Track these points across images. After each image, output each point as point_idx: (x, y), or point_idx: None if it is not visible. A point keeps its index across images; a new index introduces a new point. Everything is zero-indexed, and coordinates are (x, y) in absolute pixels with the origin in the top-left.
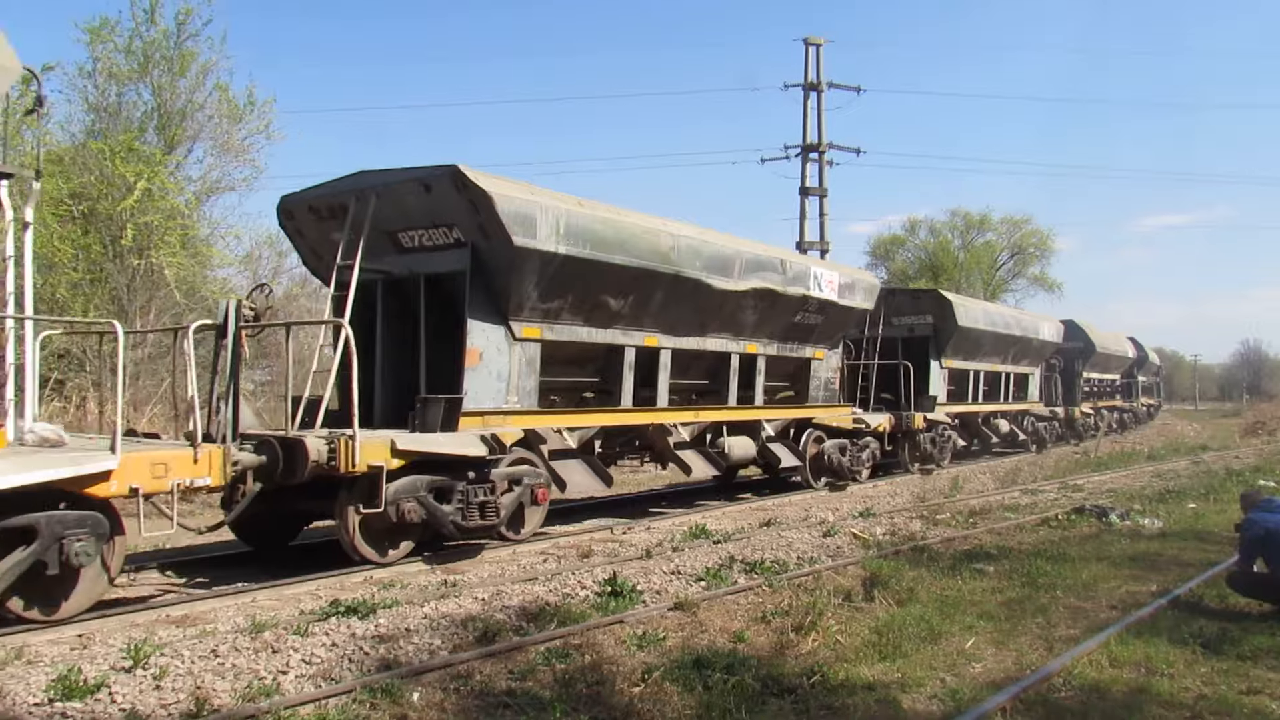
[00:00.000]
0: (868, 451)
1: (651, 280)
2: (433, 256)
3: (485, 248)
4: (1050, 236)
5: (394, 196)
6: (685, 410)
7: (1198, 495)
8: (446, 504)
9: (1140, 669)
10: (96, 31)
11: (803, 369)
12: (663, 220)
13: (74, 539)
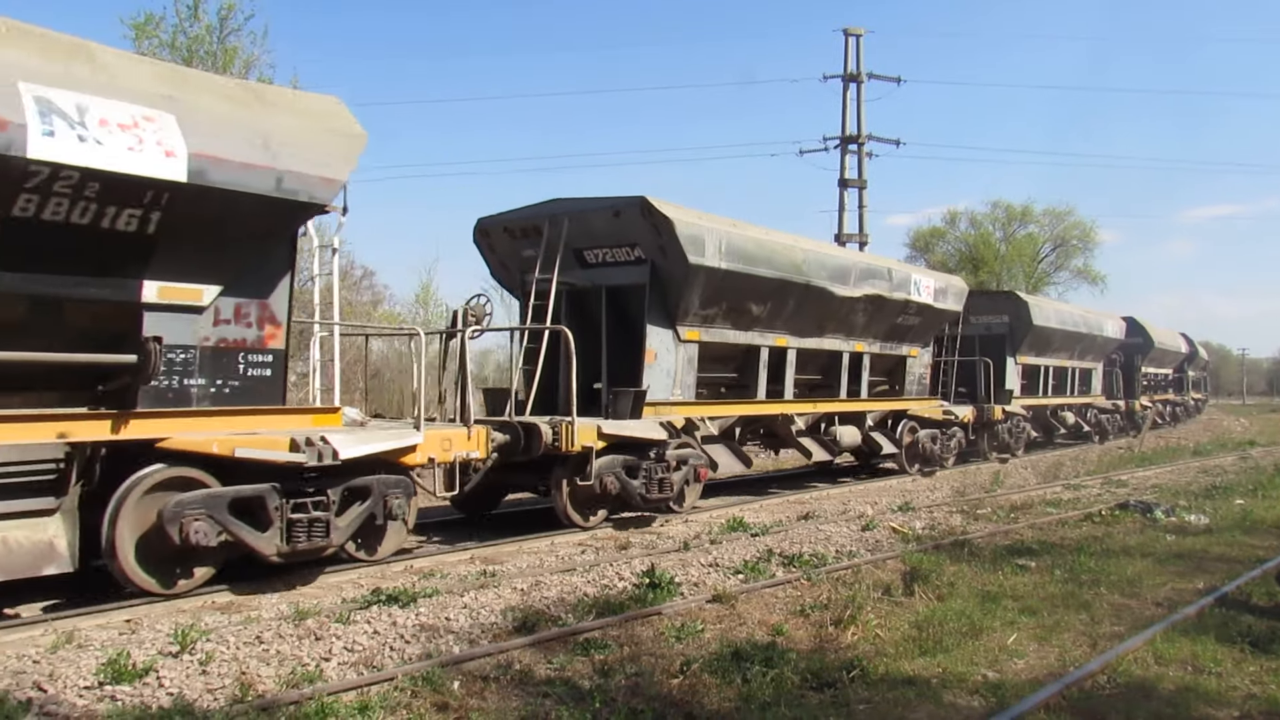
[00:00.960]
0: (954, 440)
1: (786, 289)
2: (614, 271)
3: (663, 264)
4: (1093, 228)
5: (584, 220)
6: (805, 402)
7: (1245, 491)
8: (634, 479)
9: (1187, 667)
10: (141, 27)
11: (899, 365)
12: (795, 237)
13: (394, 496)
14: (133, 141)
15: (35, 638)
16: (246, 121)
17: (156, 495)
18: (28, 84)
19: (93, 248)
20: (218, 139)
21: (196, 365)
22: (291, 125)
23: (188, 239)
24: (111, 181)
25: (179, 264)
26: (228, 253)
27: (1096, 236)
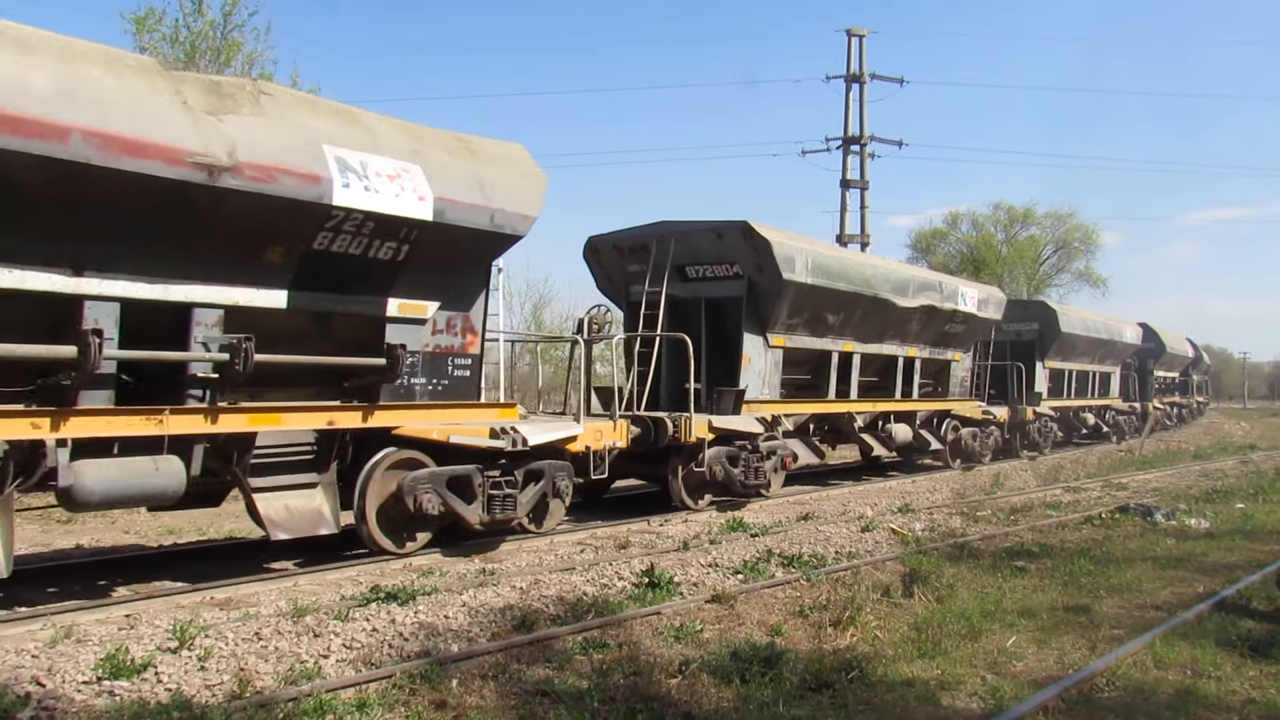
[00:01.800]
0: (992, 438)
1: (857, 300)
2: (714, 285)
3: (759, 280)
4: (1095, 231)
5: (688, 241)
6: (866, 402)
7: (1246, 495)
8: (735, 467)
9: (1186, 671)
10: (142, 21)
11: (944, 369)
12: (864, 254)
13: (560, 478)
14: (397, 189)
15: (34, 632)
16: (467, 169)
17: (391, 472)
18: (329, 146)
19: (360, 273)
20: (451, 184)
21: (419, 367)
22: (496, 171)
23: (423, 265)
24: (383, 221)
25: (414, 285)
26: (447, 275)
27: (1099, 239)
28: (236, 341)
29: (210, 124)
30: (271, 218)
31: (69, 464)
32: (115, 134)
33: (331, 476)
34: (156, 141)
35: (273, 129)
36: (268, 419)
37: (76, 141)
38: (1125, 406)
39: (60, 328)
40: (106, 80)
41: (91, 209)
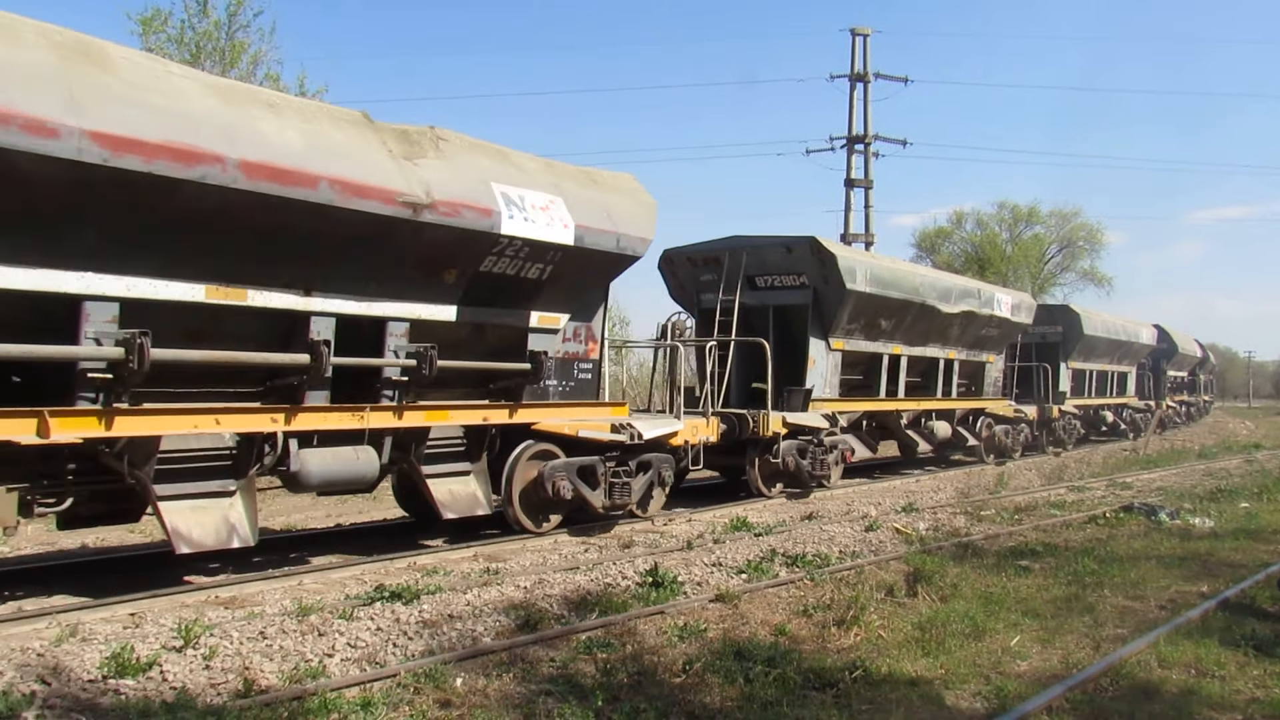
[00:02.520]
0: (1023, 435)
1: (907, 307)
2: (781, 293)
3: (823, 289)
4: (1100, 230)
5: (759, 254)
6: (910, 400)
7: (1251, 494)
8: (804, 459)
9: (1190, 670)
10: (149, 22)
11: (979, 370)
12: (913, 265)
13: (664, 469)
14: (548, 219)
15: (40, 630)
16: (596, 199)
17: (530, 462)
18: (495, 183)
19: (512, 290)
20: (586, 213)
21: (553, 371)
22: (617, 199)
23: (560, 283)
24: (536, 246)
25: (551, 300)
26: (578, 291)
27: (1103, 238)
28: (422, 350)
29: (409, 168)
30: (453, 245)
31: (297, 452)
32: (349, 180)
33: (483, 465)
34: (376, 185)
35: (454, 170)
36: (440, 415)
37: (324, 188)
38: (1141, 405)
39: (289, 338)
40: (335, 134)
41: (323, 241)
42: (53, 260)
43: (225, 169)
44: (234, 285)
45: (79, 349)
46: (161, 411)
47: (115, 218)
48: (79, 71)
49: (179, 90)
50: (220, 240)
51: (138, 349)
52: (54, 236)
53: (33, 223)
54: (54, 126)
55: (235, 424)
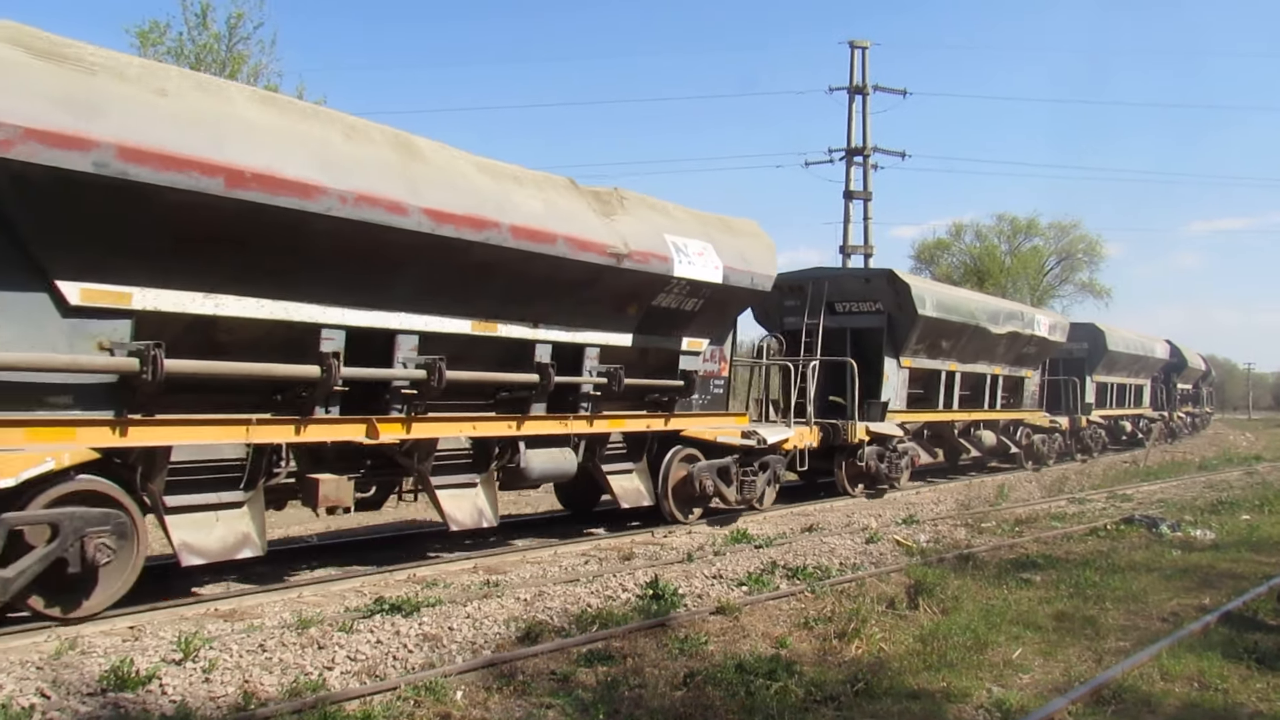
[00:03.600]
0: (1057, 443)
1: (964, 329)
2: (858, 318)
3: (897, 315)
4: (1099, 242)
5: (839, 283)
6: (962, 412)
7: (1252, 506)
8: (882, 463)
9: (1193, 684)
10: (145, 35)
11: (1019, 384)
12: (969, 291)
13: (780, 468)
14: (703, 262)
15: (39, 644)
16: (734, 243)
17: (680, 463)
18: (667, 234)
19: (671, 320)
20: (729, 256)
21: (696, 386)
22: (747, 242)
23: (707, 314)
24: (695, 285)
25: (698, 327)
26: (717, 320)
27: (1102, 250)
28: (612, 369)
29: (609, 224)
30: (639, 286)
31: (524, 451)
32: (575, 236)
33: (644, 465)
34: (593, 240)
35: (638, 224)
36: (618, 423)
37: (560, 243)
38: (1155, 415)
39: (519, 361)
40: (560, 200)
41: (552, 285)
42: (382, 304)
43: (500, 232)
44: (489, 320)
45: (395, 371)
46: (439, 420)
47: (425, 272)
48: (408, 162)
49: (464, 172)
50: (484, 286)
51: (437, 370)
52: (386, 287)
53: (376, 278)
54: (404, 206)
55: (485, 430)
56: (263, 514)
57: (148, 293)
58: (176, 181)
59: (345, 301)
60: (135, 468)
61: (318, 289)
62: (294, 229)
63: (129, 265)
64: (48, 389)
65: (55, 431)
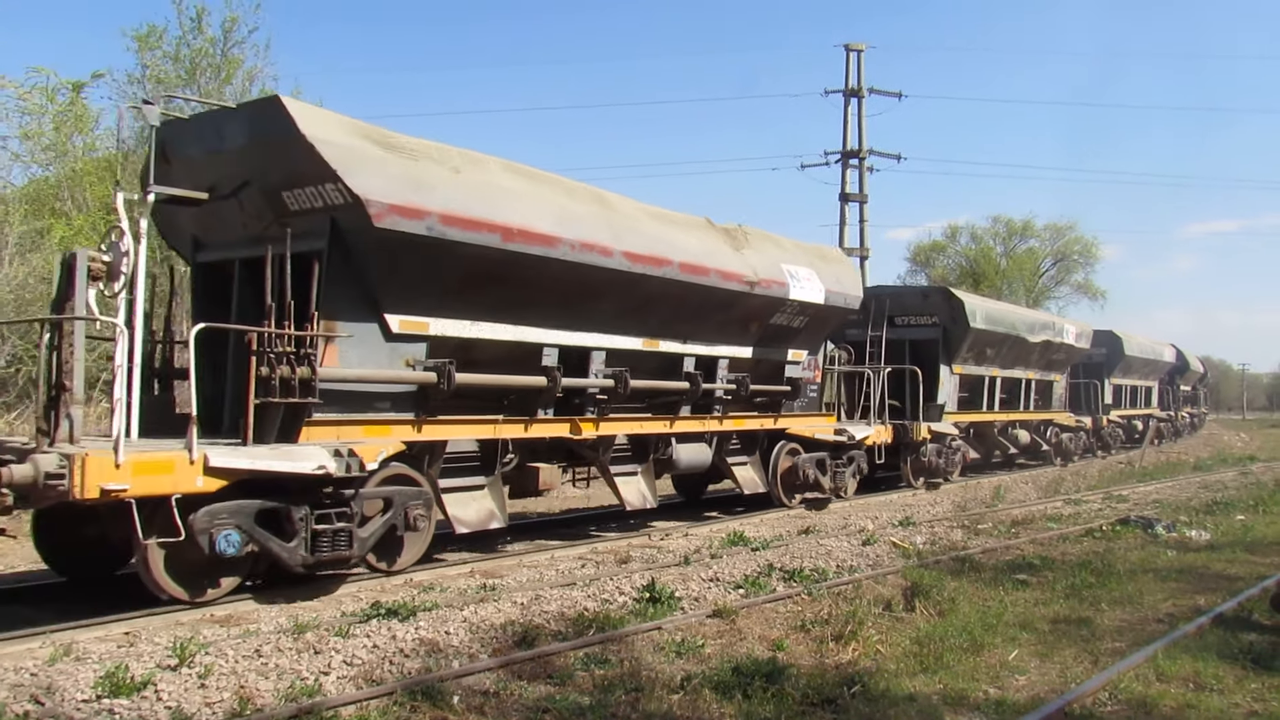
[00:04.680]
0: (1081, 441)
1: (1006, 339)
2: (915, 330)
3: (951, 327)
4: (1094, 244)
5: (899, 299)
6: (1001, 413)
7: (1246, 507)
8: (939, 459)
9: (1189, 684)
10: (144, 39)
11: (1049, 387)
12: (1010, 305)
13: (863, 462)
14: (810, 287)
15: (33, 650)
16: (829, 270)
17: (786, 456)
18: (782, 263)
19: (781, 335)
20: (828, 280)
21: (793, 391)
22: (839, 268)
23: (808, 329)
24: (804, 305)
25: (800, 341)
26: (815, 335)
27: (1098, 252)
28: (741, 378)
29: (741, 257)
30: (762, 308)
31: (675, 445)
32: (720, 269)
33: (757, 458)
34: (732, 270)
35: (762, 256)
36: (739, 422)
37: (713, 275)
38: (1163, 415)
39: (668, 372)
40: (705, 237)
41: (701, 308)
42: (583, 327)
43: (672, 267)
44: (653, 338)
45: (591, 380)
46: (618, 420)
47: (615, 301)
48: (607, 213)
49: (642, 218)
50: (653, 311)
51: (624, 380)
52: (587, 313)
53: (582, 306)
54: (610, 249)
55: (647, 428)
56: (502, 495)
57: (437, 321)
58: (472, 238)
59: (559, 325)
60: (422, 457)
61: (542, 316)
62: (537, 270)
63: (427, 301)
64: (375, 396)
65: (380, 429)
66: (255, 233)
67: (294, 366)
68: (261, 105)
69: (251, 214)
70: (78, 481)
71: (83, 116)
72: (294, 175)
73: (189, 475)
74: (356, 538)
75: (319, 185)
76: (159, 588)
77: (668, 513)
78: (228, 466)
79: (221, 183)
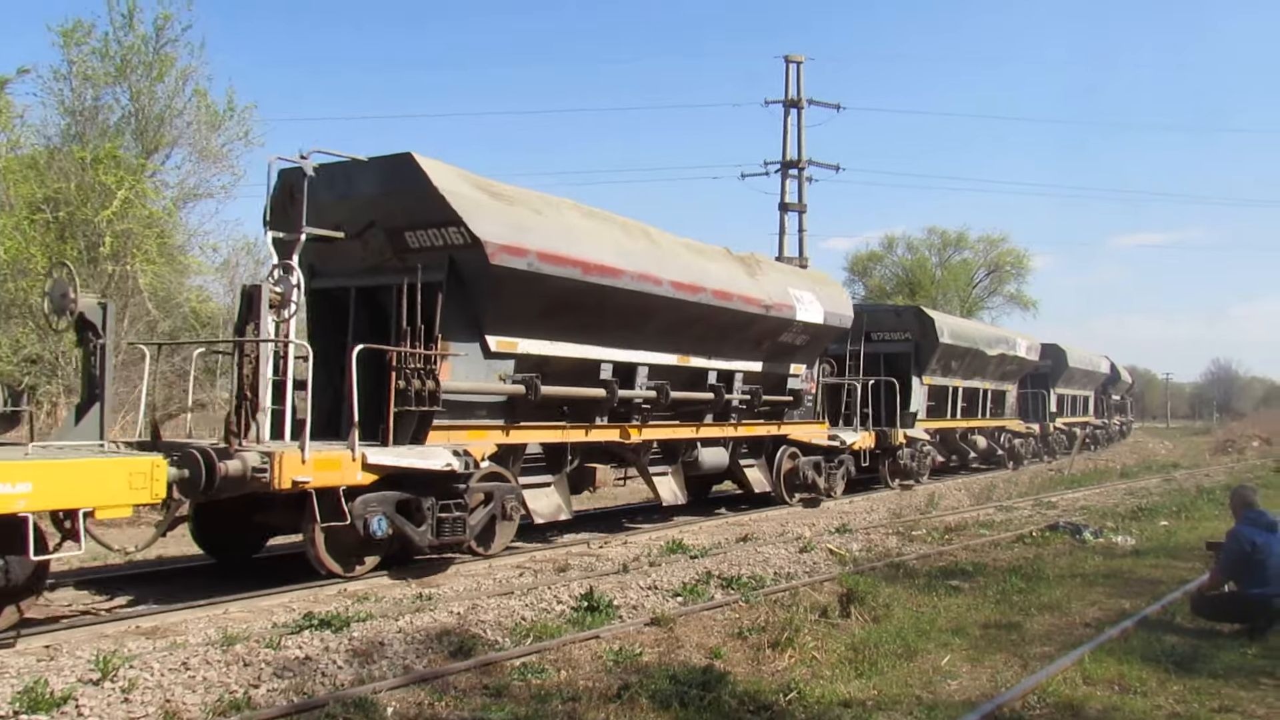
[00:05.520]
0: (1031, 445)
1: (968, 352)
2: (889, 344)
3: (922, 342)
4: (1027, 255)
5: (876, 316)
6: (963, 420)
7: (1170, 513)
8: (913, 462)
9: (1114, 687)
10: (69, 34)
11: (1002, 396)
12: (974, 322)
13: (851, 465)
14: (812, 309)
15: None
16: (824, 293)
17: (788, 460)
18: (789, 288)
19: (785, 351)
20: (826, 302)
21: (794, 401)
22: (833, 291)
23: (807, 346)
24: (807, 325)
25: (800, 356)
26: (812, 350)
27: (1030, 263)
28: (753, 390)
29: (757, 283)
30: (773, 328)
31: (699, 449)
32: (742, 294)
33: (763, 461)
34: (752, 296)
35: (773, 282)
36: (750, 429)
37: (736, 300)
38: (1099, 422)
39: (694, 384)
40: (727, 266)
41: (724, 329)
42: (632, 345)
43: (706, 294)
44: (685, 355)
45: (638, 392)
46: (656, 426)
47: (659, 323)
48: (652, 247)
49: (679, 250)
50: (687, 331)
51: (665, 391)
52: (636, 333)
53: (632, 327)
54: (659, 279)
55: (678, 434)
56: (566, 491)
57: (524, 341)
58: (560, 271)
59: (615, 344)
60: (507, 458)
61: (602, 336)
62: (604, 297)
63: (517, 324)
64: (476, 405)
65: (479, 433)
66: (372, 265)
67: (423, 380)
68: (394, 159)
69: (372, 249)
70: (276, 475)
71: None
72: (419, 219)
73: (352, 470)
74: (468, 525)
75: (442, 228)
76: (322, 564)
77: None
78: (380, 463)
79: (348, 223)
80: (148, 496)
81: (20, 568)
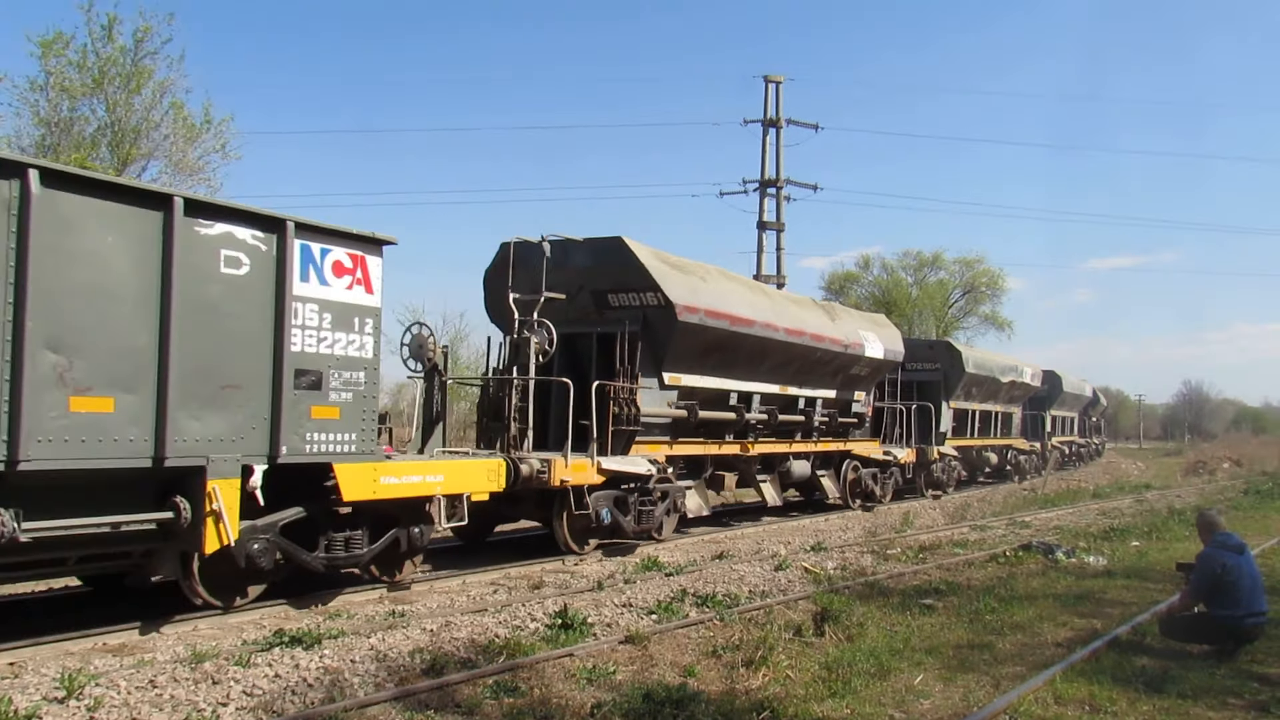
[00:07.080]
0: (1033, 462)
1: (986, 379)
2: (921, 373)
3: (950, 371)
4: (1002, 276)
5: (911, 349)
6: (979, 439)
7: (1141, 533)
8: (943, 475)
9: (1085, 707)
10: (49, 45)
11: (1009, 418)
12: (992, 352)
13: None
14: (874, 345)
15: None
16: (883, 333)
17: (851, 470)
18: (859, 329)
19: (853, 381)
20: (883, 341)
21: (858, 422)
22: (889, 332)
23: (868, 377)
24: (870, 360)
25: (862, 384)
26: (871, 380)
27: (1005, 284)
28: (831, 414)
29: (836, 326)
30: (847, 362)
31: (790, 460)
32: (828, 335)
33: (833, 472)
34: (835, 337)
35: (847, 325)
36: (826, 445)
37: (826, 341)
38: (1083, 441)
39: (789, 408)
40: (815, 312)
41: (812, 363)
42: (751, 378)
43: (806, 336)
44: (785, 385)
45: (754, 415)
46: (764, 442)
47: (772, 360)
48: (768, 300)
49: (784, 303)
50: (788, 365)
51: (774, 415)
52: (754, 368)
53: (752, 363)
54: (776, 326)
55: (776, 449)
56: (705, 492)
57: (683, 376)
58: (717, 324)
59: (741, 377)
60: (668, 466)
61: (732, 370)
62: (740, 342)
63: (681, 364)
64: (654, 427)
65: (656, 447)
66: (574, 318)
67: (627, 407)
68: (607, 241)
69: (578, 307)
70: (552, 475)
71: None
72: (622, 284)
73: (591, 473)
74: (657, 515)
75: (640, 292)
76: (566, 545)
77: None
78: (609, 468)
79: (563, 286)
80: (497, 486)
81: (427, 534)
